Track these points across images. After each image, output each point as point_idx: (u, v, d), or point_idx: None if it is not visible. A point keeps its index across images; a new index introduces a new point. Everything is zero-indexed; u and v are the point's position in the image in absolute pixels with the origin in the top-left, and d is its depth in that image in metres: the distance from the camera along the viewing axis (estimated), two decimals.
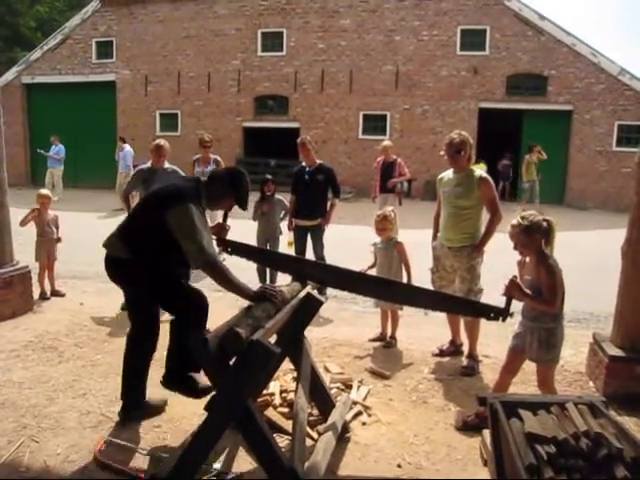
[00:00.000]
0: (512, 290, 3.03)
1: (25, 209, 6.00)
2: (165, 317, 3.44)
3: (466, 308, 3.45)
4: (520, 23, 16.23)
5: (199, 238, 2.94)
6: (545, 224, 3.16)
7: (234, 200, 3.29)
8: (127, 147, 14.18)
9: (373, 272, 4.75)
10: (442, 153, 4.41)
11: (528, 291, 3.11)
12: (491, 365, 4.33)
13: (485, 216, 4.36)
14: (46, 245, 6.05)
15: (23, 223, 5.96)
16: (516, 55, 16.41)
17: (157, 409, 3.55)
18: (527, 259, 3.30)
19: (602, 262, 8.08)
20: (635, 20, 59.19)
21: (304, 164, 6.40)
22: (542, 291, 3.11)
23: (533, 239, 3.15)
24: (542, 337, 3.16)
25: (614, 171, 15.84)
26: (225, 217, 3.60)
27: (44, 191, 6.35)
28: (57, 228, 6.16)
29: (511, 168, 17.67)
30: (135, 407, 3.43)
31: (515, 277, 3.09)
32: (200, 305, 3.24)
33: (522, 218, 3.17)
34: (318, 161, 6.37)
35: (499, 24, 16.38)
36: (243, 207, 3.33)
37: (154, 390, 3.52)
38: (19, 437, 3.19)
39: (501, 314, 3.00)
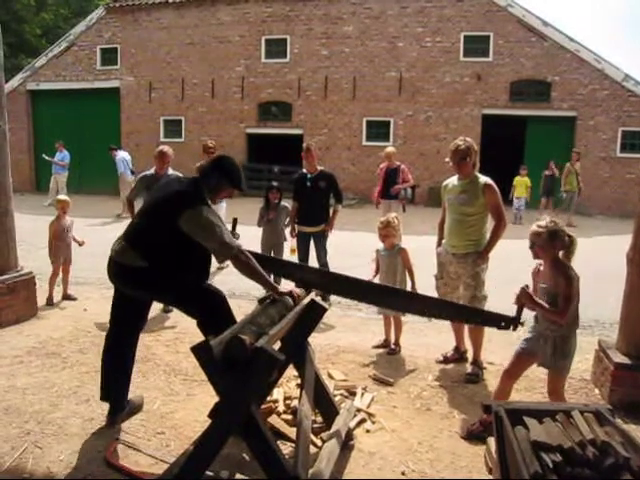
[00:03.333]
0: (523, 299, 3.05)
1: (29, 215, 6.03)
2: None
3: (476, 317, 3.43)
4: (523, 29, 16.26)
5: (219, 235, 3.01)
6: (567, 237, 3.17)
7: (231, 186, 3.34)
8: (120, 153, 14.20)
9: (376, 279, 4.75)
10: (447, 160, 4.40)
11: (540, 301, 3.11)
12: (495, 372, 4.30)
13: (490, 223, 4.36)
14: (63, 250, 6.14)
15: (54, 233, 6.08)
16: (519, 61, 16.42)
17: (139, 407, 3.62)
18: (541, 267, 3.29)
19: (607, 268, 8.05)
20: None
21: (305, 170, 6.41)
22: (557, 299, 3.09)
23: (554, 245, 3.14)
24: (557, 344, 3.14)
25: (618, 177, 15.83)
26: (234, 226, 3.63)
27: (63, 197, 6.50)
28: (71, 232, 6.25)
29: (554, 179, 14.57)
30: (122, 409, 3.46)
31: (527, 286, 3.09)
32: (219, 304, 3.26)
33: (552, 222, 3.17)
34: (319, 167, 6.38)
35: (502, 30, 16.41)
36: (242, 189, 3.39)
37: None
38: (22, 443, 3.18)
39: (512, 323, 3.02)
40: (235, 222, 3.68)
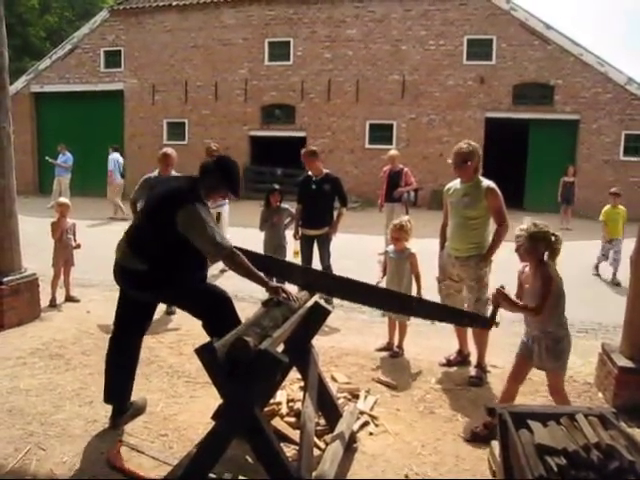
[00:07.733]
0: (499, 299, 3.14)
1: (33, 217, 6.06)
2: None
3: (457, 318, 3.48)
4: (526, 33, 16.25)
5: (211, 234, 3.02)
6: (552, 237, 3.19)
7: (227, 190, 3.38)
8: (114, 155, 14.31)
9: (383, 281, 4.76)
10: (450, 161, 4.40)
11: (514, 299, 3.20)
12: (499, 375, 4.30)
13: (493, 226, 4.36)
14: (64, 252, 6.17)
15: (55, 235, 6.12)
16: (522, 64, 16.41)
17: (142, 409, 3.62)
18: (527, 269, 3.32)
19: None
20: None
21: (310, 173, 6.41)
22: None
23: (536, 247, 3.18)
24: (550, 345, 3.17)
25: (621, 181, 15.71)
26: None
27: (63, 199, 6.58)
28: (74, 235, 6.28)
29: (573, 185, 13.68)
30: (125, 411, 3.47)
31: (502, 287, 3.18)
32: (224, 304, 3.27)
33: (533, 225, 3.22)
34: (325, 170, 6.37)
35: (505, 34, 16.41)
36: (237, 196, 3.43)
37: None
38: (26, 445, 3.19)
39: (488, 323, 3.18)
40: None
